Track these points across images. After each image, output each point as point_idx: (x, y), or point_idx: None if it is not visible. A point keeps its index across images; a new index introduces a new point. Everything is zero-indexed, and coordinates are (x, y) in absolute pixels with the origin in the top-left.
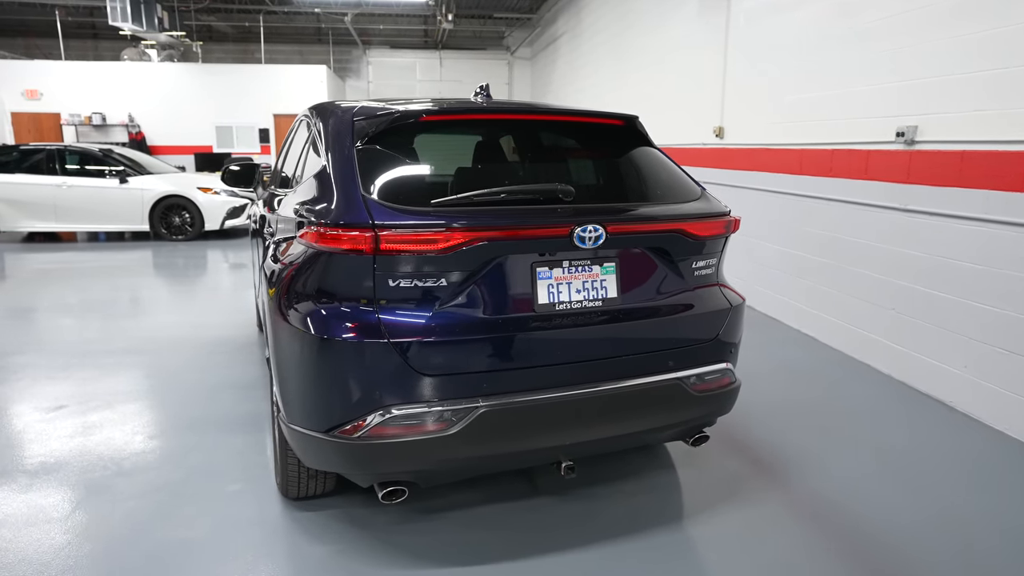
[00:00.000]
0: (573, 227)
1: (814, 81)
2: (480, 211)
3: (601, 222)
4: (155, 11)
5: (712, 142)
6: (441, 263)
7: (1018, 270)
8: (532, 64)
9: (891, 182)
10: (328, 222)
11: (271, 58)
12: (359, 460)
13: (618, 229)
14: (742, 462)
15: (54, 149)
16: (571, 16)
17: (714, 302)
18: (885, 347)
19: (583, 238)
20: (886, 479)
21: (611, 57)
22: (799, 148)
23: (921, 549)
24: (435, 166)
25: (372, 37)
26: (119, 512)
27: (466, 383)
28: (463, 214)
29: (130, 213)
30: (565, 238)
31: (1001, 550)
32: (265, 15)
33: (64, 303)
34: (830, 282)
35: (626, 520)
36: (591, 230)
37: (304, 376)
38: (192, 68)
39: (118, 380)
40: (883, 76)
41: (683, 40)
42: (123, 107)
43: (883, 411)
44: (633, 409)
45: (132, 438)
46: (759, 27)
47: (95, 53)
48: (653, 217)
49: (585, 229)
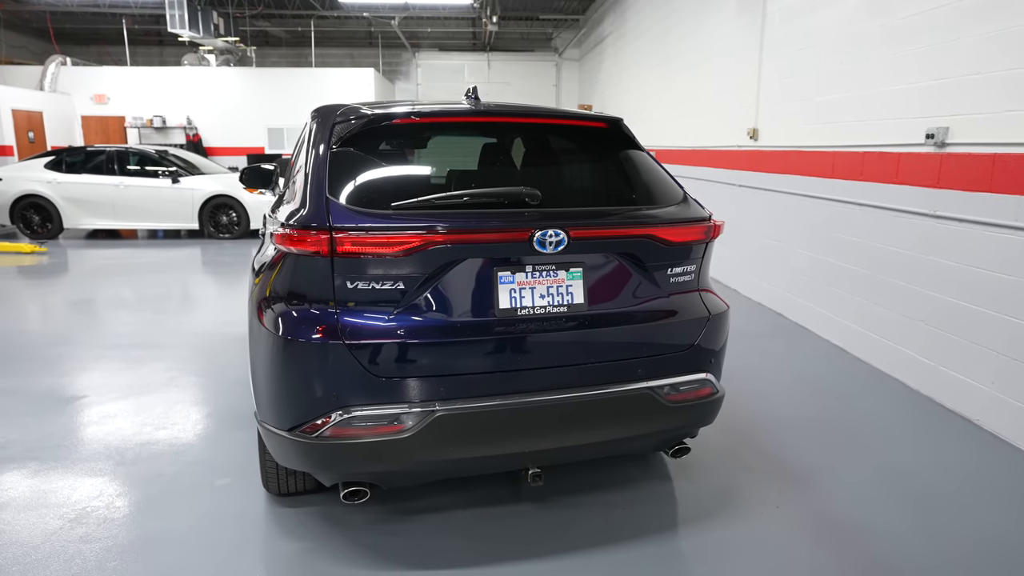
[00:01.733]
0: (533, 231)
1: (846, 81)
2: (440, 214)
3: (564, 226)
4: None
5: (747, 144)
6: (398, 266)
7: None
8: (580, 65)
9: (921, 187)
10: (293, 224)
11: (323, 61)
12: (319, 459)
13: (582, 234)
14: (744, 477)
15: (114, 151)
16: (616, 16)
17: (692, 310)
18: (914, 361)
19: (544, 242)
20: (899, 501)
21: (654, 59)
22: (831, 150)
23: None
24: (407, 169)
25: (421, 40)
26: (113, 501)
27: (423, 387)
28: (422, 217)
29: (181, 212)
30: (524, 243)
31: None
32: (316, 20)
33: (109, 297)
34: (860, 291)
35: (605, 531)
36: (552, 234)
37: (269, 374)
38: (246, 72)
39: (141, 373)
40: (913, 75)
41: (720, 41)
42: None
43: (905, 428)
44: (599, 418)
45: (140, 429)
46: (793, 26)
47: (160, 59)
48: (621, 222)
49: (546, 233)
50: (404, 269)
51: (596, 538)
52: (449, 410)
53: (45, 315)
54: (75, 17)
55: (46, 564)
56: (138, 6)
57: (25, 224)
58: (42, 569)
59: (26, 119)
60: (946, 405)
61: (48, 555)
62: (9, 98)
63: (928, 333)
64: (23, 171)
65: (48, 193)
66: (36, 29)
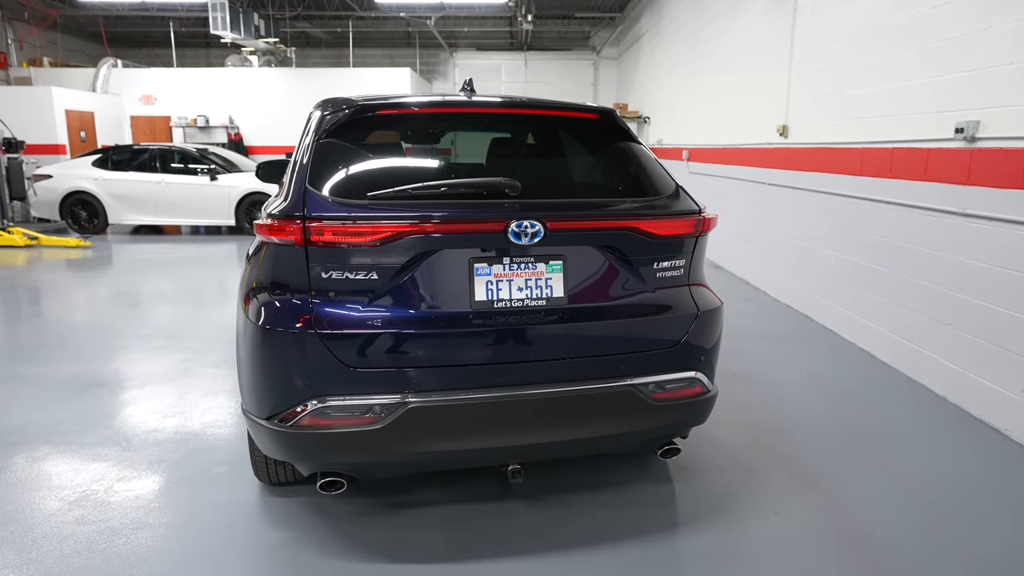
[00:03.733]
0: (509, 222)
1: (875, 75)
2: (414, 204)
3: (540, 218)
4: (252, 19)
5: (776, 141)
6: (371, 256)
7: None
8: (618, 64)
9: (950, 183)
10: (272, 213)
11: (363, 62)
12: (295, 448)
13: (559, 225)
14: (747, 480)
15: (156, 149)
16: (653, 14)
17: (679, 306)
18: (940, 366)
19: (519, 234)
20: (912, 511)
21: (687, 56)
22: (859, 147)
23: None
24: (388, 160)
25: (458, 39)
26: (112, 486)
27: (396, 378)
28: (396, 207)
29: (218, 209)
30: (499, 234)
31: None
32: (355, 20)
33: (141, 290)
34: (887, 293)
35: (594, 532)
36: (527, 226)
37: (249, 362)
38: (286, 72)
39: (160, 362)
40: (943, 67)
41: (752, 36)
42: (224, 110)
43: (928, 436)
44: (578, 415)
45: (149, 417)
46: (823, 19)
47: (206, 60)
48: (601, 214)
49: (521, 225)
50: (377, 259)
51: (584, 538)
52: (422, 402)
53: (80, 306)
54: (127, 21)
55: (39, 544)
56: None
57: (73, 219)
58: (35, 548)
59: (78, 119)
60: (973, 413)
61: (44, 535)
62: (63, 99)
63: (956, 337)
64: (72, 169)
65: (95, 190)
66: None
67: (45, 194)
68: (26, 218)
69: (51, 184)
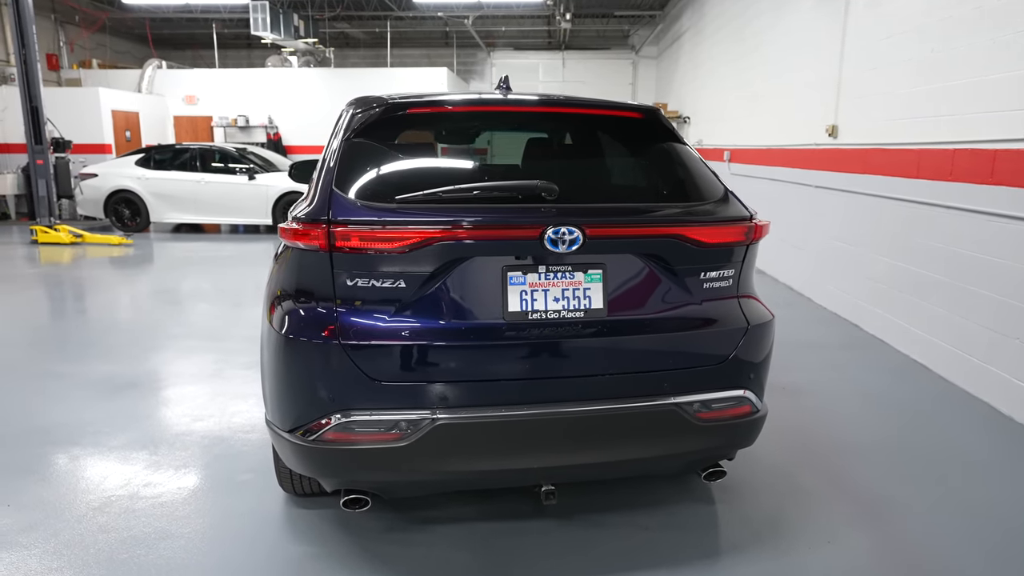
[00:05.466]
0: (545, 228)
1: (935, 71)
2: (446, 208)
3: (579, 224)
4: (292, 20)
5: (825, 142)
6: (399, 263)
7: None
8: (657, 63)
9: (1020, 187)
10: (297, 217)
11: (400, 62)
12: (318, 463)
13: (600, 232)
14: (796, 506)
15: (197, 148)
16: (694, 12)
17: (728, 319)
18: (1007, 383)
19: (555, 241)
20: (983, 545)
21: (730, 54)
22: (916, 148)
23: None
24: (419, 161)
25: (496, 39)
26: (138, 491)
27: (423, 393)
28: (426, 211)
29: (256, 208)
30: (535, 241)
31: None
32: (393, 21)
33: (176, 289)
34: (947, 303)
35: (629, 555)
36: (565, 232)
37: (272, 372)
38: (324, 72)
39: (191, 363)
40: (1013, 62)
41: (799, 33)
42: (264, 110)
43: (994, 459)
44: (617, 435)
45: (179, 420)
46: (878, 13)
47: (248, 61)
48: (643, 220)
49: (558, 231)
50: (406, 266)
51: (618, 562)
52: (451, 419)
53: (120, 304)
54: (172, 23)
55: (60, 553)
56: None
57: (117, 217)
58: (56, 557)
59: (124, 119)
60: None
61: (66, 543)
62: (109, 100)
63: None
64: (116, 168)
65: (137, 188)
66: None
67: (91, 192)
68: (73, 216)
69: (96, 183)
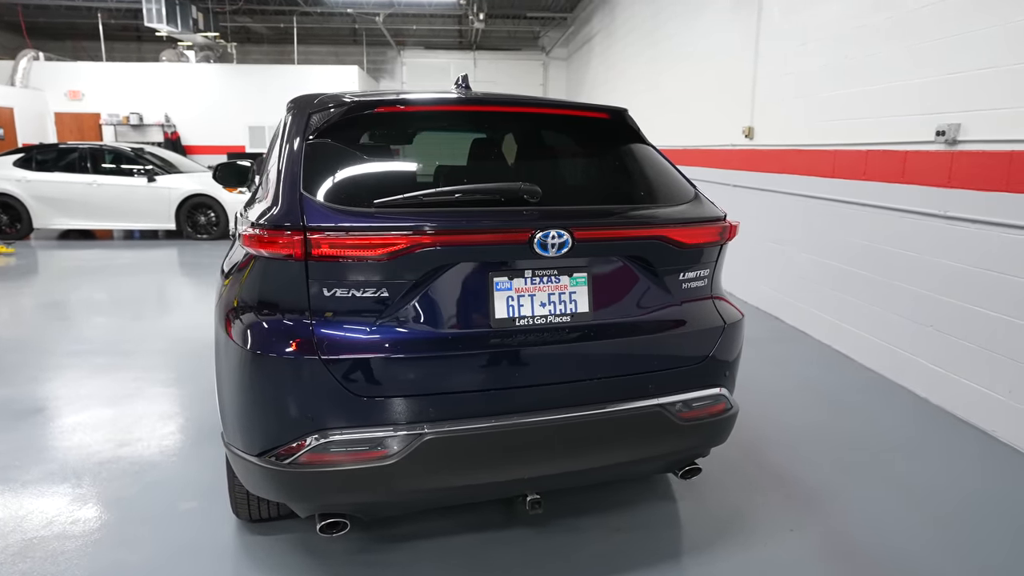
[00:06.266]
0: (534, 232)
1: (849, 77)
2: (429, 213)
3: (567, 227)
4: (190, 12)
5: (742, 143)
6: (381, 271)
7: None
8: (568, 64)
9: (930, 186)
10: (263, 223)
11: (306, 59)
12: (292, 488)
13: (587, 235)
14: (751, 496)
15: (87, 148)
16: (605, 14)
17: (705, 319)
18: (923, 368)
19: (545, 244)
20: (912, 519)
21: (643, 56)
22: (832, 149)
23: None
24: (391, 163)
25: (406, 38)
26: (65, 530)
27: (410, 407)
28: (408, 216)
29: (157, 211)
30: (524, 245)
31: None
32: (299, 16)
33: (77, 300)
34: (864, 295)
35: (605, 559)
36: (555, 236)
37: (236, 392)
38: (226, 69)
39: (106, 382)
40: (923, 70)
41: (714, 37)
42: (159, 107)
43: (916, 439)
44: (606, 439)
45: (102, 447)
46: (792, 21)
47: (138, 55)
48: (630, 222)
49: (548, 235)
50: (388, 274)
51: (601, 566)
52: (439, 433)
53: (6, 319)
54: (49, 11)
55: None
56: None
57: None
58: None
59: None
60: (958, 415)
61: None
62: None
63: (939, 340)
64: None
65: (17, 192)
66: (7, 23)
67: None
68: None
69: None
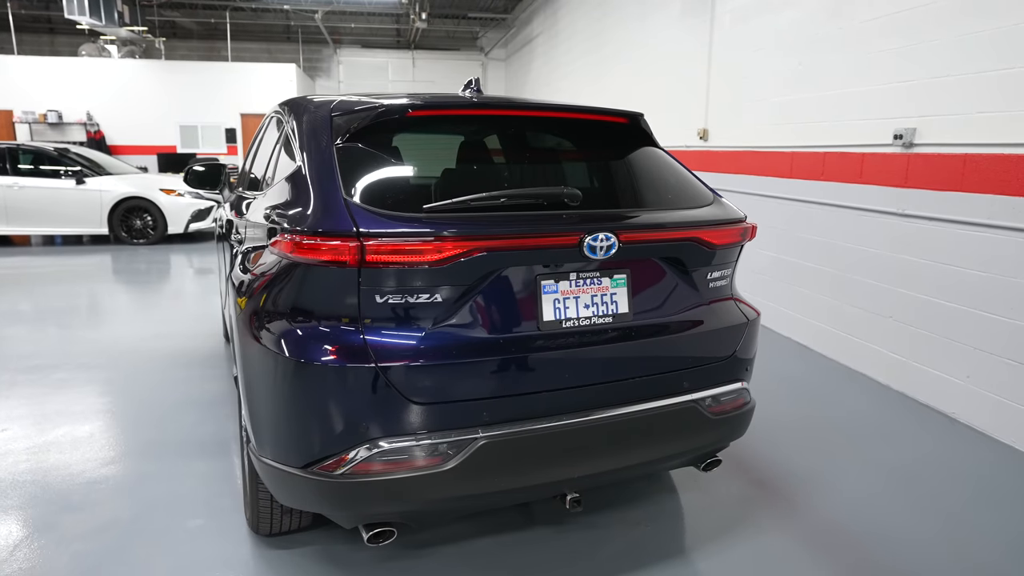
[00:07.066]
0: (583, 235)
1: (804, 82)
2: (479, 217)
3: (612, 229)
4: (115, 5)
5: (696, 144)
6: (436, 276)
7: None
8: (507, 65)
9: (887, 186)
10: (305, 229)
11: (238, 56)
12: (341, 500)
13: (631, 237)
14: (746, 484)
15: (5, 148)
16: (547, 16)
17: (730, 316)
18: (884, 357)
19: (594, 248)
20: (895, 498)
21: (589, 58)
22: (790, 151)
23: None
24: (424, 167)
25: (343, 36)
26: (64, 555)
27: (464, 412)
28: (460, 221)
29: (88, 215)
30: (574, 248)
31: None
32: (232, 12)
33: (12, 312)
34: (825, 289)
35: (630, 554)
36: (603, 239)
37: (278, 404)
38: (155, 65)
39: (68, 398)
40: (878, 77)
41: (665, 41)
42: (81, 105)
43: (884, 424)
44: (648, 435)
45: (84, 466)
46: (745, 27)
47: (51, 48)
48: (668, 224)
49: (596, 238)
50: (442, 279)
51: (628, 561)
52: (493, 436)
53: None
54: None
55: None
56: None
57: None
58: None
59: None
60: (920, 400)
61: None
62: None
63: (899, 330)
64: None
65: None
66: None
67: None
68: None
69: None
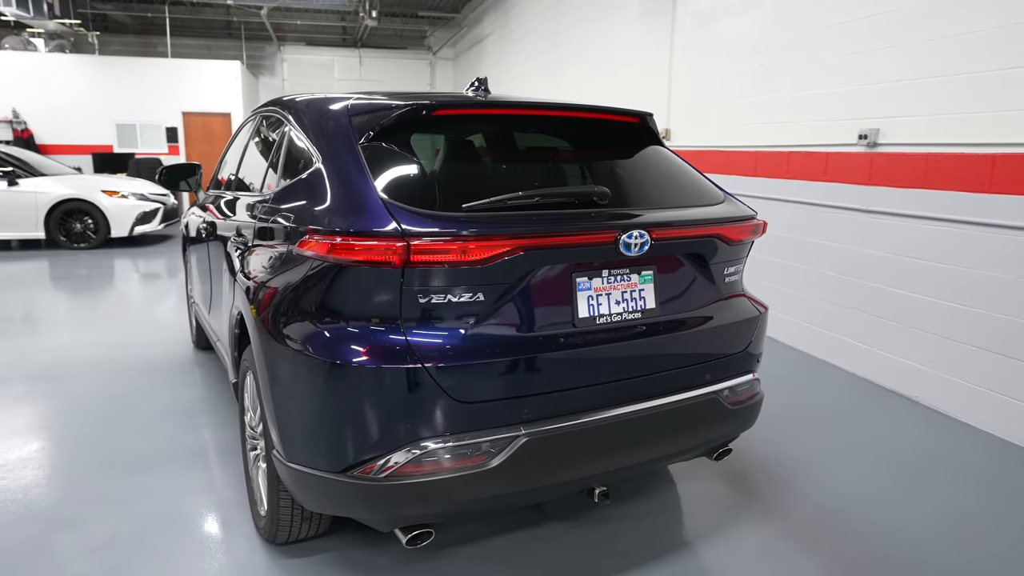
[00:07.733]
0: (619, 233)
1: (767, 84)
2: (518, 216)
3: (645, 227)
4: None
5: None
6: (478, 275)
7: (985, 268)
8: (455, 65)
9: (852, 184)
10: (342, 229)
11: (176, 52)
12: (381, 503)
13: (662, 234)
14: (746, 471)
15: None
16: (499, 16)
17: (745, 310)
18: (850, 346)
19: (629, 245)
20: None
21: (544, 58)
22: (754, 150)
23: (928, 550)
24: (450, 166)
25: (288, 33)
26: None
27: (506, 410)
28: (501, 220)
29: (21, 219)
30: (610, 245)
31: (994, 542)
32: (170, 6)
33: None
34: (791, 282)
35: (645, 546)
36: (637, 236)
37: (314, 408)
38: (88, 60)
39: (34, 412)
40: (842, 79)
41: (624, 42)
42: (5, 101)
43: (857, 409)
44: (675, 427)
45: (67, 482)
46: (708, 30)
47: None
48: (694, 221)
49: (631, 235)
50: (483, 279)
51: (645, 552)
52: (534, 433)
53: None
54: None
55: None
56: None
57: None
58: None
59: None
60: (886, 386)
61: None
62: None
63: (864, 320)
64: None
65: None
66: None
67: None
68: None
69: None
